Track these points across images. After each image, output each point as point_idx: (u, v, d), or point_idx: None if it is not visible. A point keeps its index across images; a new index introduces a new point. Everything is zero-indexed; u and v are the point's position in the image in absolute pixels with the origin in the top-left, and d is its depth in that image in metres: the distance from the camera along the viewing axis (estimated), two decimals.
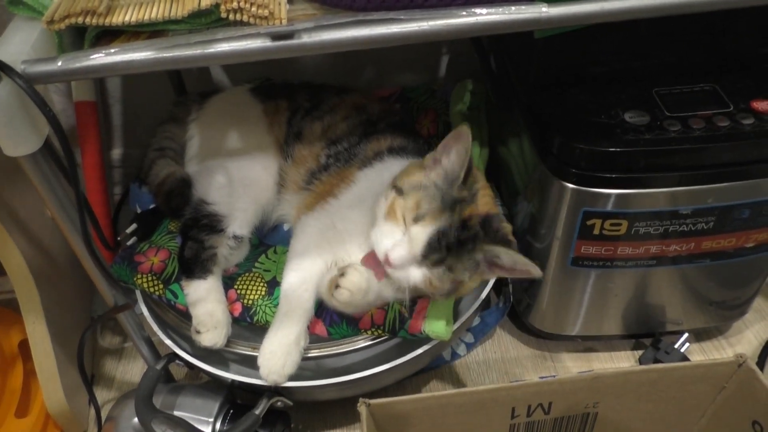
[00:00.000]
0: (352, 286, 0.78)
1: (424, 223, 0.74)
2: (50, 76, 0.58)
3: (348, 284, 0.78)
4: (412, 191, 0.76)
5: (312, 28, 0.58)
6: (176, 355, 0.89)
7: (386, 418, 0.74)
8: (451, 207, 0.74)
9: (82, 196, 0.66)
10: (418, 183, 0.76)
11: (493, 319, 1.08)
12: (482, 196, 0.78)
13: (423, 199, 0.75)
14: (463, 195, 0.75)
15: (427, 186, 0.76)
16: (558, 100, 0.87)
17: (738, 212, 0.85)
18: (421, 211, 0.74)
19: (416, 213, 0.74)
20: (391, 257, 0.74)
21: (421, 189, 0.75)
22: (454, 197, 0.75)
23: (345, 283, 0.78)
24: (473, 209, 0.76)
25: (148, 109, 1.20)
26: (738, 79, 0.87)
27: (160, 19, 0.58)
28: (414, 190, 0.76)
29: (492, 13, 0.59)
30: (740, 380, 0.74)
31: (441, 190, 0.75)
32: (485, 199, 0.79)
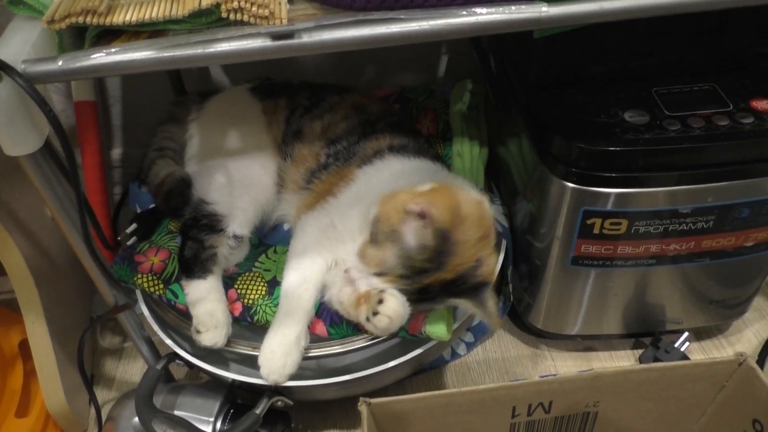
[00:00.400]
0: (393, 313, 0.75)
1: (384, 279, 0.77)
2: (51, 75, 0.58)
3: (389, 312, 0.75)
4: (383, 243, 0.76)
5: (312, 27, 0.58)
6: (176, 355, 0.89)
7: (387, 417, 0.74)
8: (413, 274, 0.76)
9: (82, 196, 0.66)
10: (391, 234, 0.76)
11: None
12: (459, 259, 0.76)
13: (388, 259, 0.76)
14: (425, 266, 0.75)
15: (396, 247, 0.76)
16: (557, 99, 0.87)
17: (738, 211, 0.85)
18: (384, 269, 0.77)
19: (379, 269, 0.77)
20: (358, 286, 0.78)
21: (390, 247, 0.76)
22: (416, 266, 0.75)
23: (386, 311, 0.75)
24: (437, 277, 0.76)
25: (148, 109, 1.19)
26: (737, 78, 0.87)
27: (161, 19, 0.58)
28: (384, 243, 0.76)
29: (492, 12, 0.59)
30: (740, 379, 0.74)
31: (407, 257, 0.75)
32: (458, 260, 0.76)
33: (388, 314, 0.75)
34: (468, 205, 0.77)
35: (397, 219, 0.75)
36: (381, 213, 0.77)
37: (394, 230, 0.75)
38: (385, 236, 0.76)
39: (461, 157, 1.05)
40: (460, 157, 1.05)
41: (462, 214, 0.75)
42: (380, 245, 0.77)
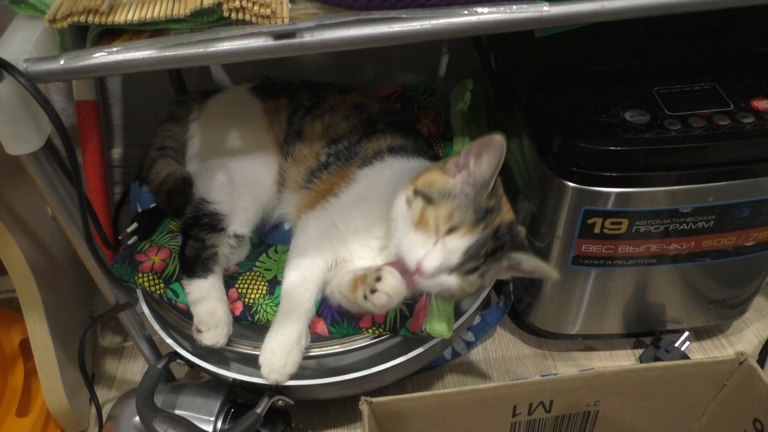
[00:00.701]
0: (391, 290, 0.73)
1: (460, 234, 0.73)
2: (52, 74, 0.58)
3: (387, 288, 0.74)
4: (442, 200, 0.74)
5: (314, 27, 0.58)
6: (177, 354, 0.89)
7: (388, 416, 0.74)
8: (484, 217, 0.74)
9: (84, 195, 0.66)
10: (446, 191, 0.75)
11: (493, 318, 1.08)
12: (504, 203, 0.77)
13: (456, 209, 0.73)
14: (491, 204, 0.74)
15: (457, 194, 0.74)
16: (558, 99, 0.87)
17: (738, 211, 0.85)
18: (455, 221, 0.73)
19: (450, 224, 0.73)
20: (425, 267, 0.73)
21: (451, 197, 0.74)
22: (484, 207, 0.74)
23: (384, 288, 0.74)
24: (502, 218, 0.75)
25: (149, 109, 1.20)
26: (738, 78, 0.87)
27: (162, 18, 0.58)
28: (444, 199, 0.74)
29: (493, 12, 0.59)
30: (741, 378, 0.74)
31: (472, 200, 0.74)
32: (507, 206, 0.78)
33: (386, 291, 0.73)
34: None
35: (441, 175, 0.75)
36: (421, 183, 0.76)
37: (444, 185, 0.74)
38: (438, 194, 0.74)
39: None
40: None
41: None
42: (437, 203, 0.74)
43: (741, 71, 0.88)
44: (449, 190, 0.74)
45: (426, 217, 0.74)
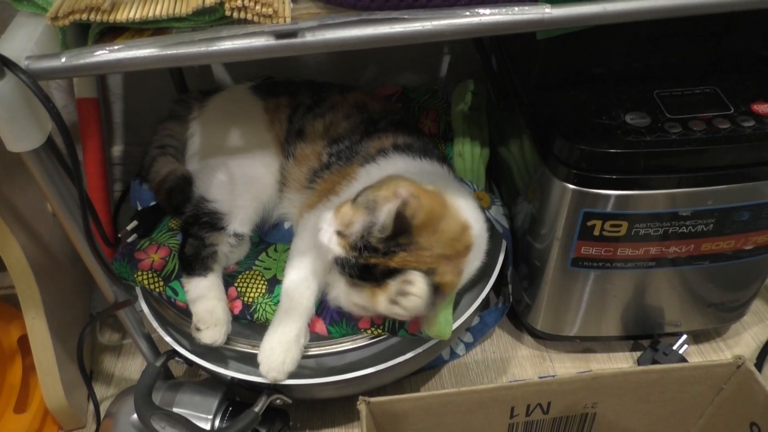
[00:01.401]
0: (421, 292, 0.72)
1: (339, 242, 0.75)
2: (54, 72, 0.58)
3: (417, 291, 0.72)
4: (360, 207, 0.75)
5: (316, 26, 0.58)
6: (176, 352, 0.89)
7: (385, 416, 0.74)
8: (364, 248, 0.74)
9: (84, 192, 0.66)
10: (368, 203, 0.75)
11: (492, 319, 1.08)
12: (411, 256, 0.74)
13: (355, 224, 0.74)
14: (377, 246, 0.74)
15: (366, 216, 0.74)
16: (559, 101, 0.87)
17: (737, 214, 0.85)
18: (345, 231, 0.75)
19: (341, 229, 0.75)
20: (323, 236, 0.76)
21: (362, 213, 0.74)
22: (371, 243, 0.73)
23: (414, 290, 0.72)
24: (383, 261, 0.74)
25: (150, 107, 1.20)
26: (739, 81, 0.87)
27: (164, 17, 0.58)
28: (361, 208, 0.75)
29: (495, 13, 0.59)
30: (738, 382, 0.74)
31: (368, 229, 0.74)
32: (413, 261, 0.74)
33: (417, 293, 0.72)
34: (451, 223, 0.76)
35: (384, 195, 0.74)
36: (377, 183, 0.77)
37: (375, 201, 0.74)
38: (365, 201, 0.75)
39: (462, 157, 1.05)
40: (461, 158, 1.05)
41: (437, 225, 0.74)
42: (356, 207, 0.75)
43: (742, 74, 0.88)
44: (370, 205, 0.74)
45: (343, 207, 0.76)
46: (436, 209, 0.75)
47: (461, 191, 0.87)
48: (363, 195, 0.76)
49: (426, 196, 0.75)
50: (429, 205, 0.74)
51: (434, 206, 0.75)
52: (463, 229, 0.78)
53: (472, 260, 0.82)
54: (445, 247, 0.75)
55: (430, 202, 0.75)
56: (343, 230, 0.75)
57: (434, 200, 0.76)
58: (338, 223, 0.76)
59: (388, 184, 0.75)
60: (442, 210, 0.76)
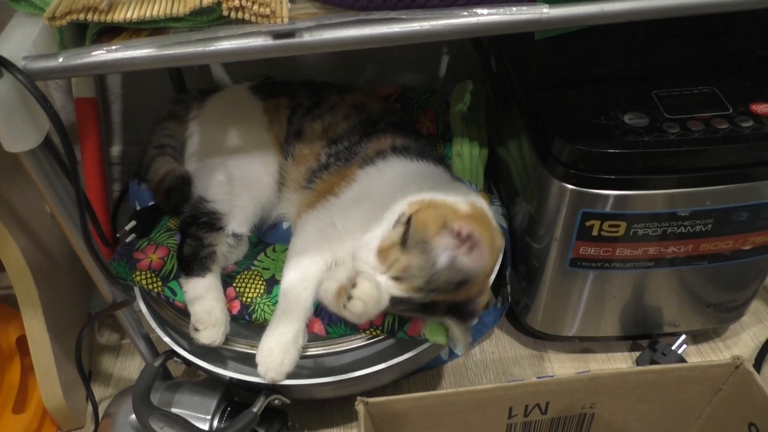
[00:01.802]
0: (365, 296, 0.73)
1: (399, 286, 0.75)
2: (51, 72, 0.58)
3: (360, 294, 0.73)
4: (413, 251, 0.74)
5: (313, 26, 0.58)
6: (174, 353, 0.89)
7: (384, 416, 0.74)
8: (428, 289, 0.74)
9: (82, 192, 0.66)
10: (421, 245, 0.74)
11: (491, 320, 1.08)
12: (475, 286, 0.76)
13: (411, 269, 0.74)
14: (445, 287, 0.74)
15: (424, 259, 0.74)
16: (558, 101, 0.87)
17: (736, 215, 0.85)
18: (404, 276, 0.74)
19: (399, 274, 0.75)
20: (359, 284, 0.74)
21: (418, 256, 0.74)
22: (434, 285, 0.74)
23: (358, 294, 0.73)
24: (446, 297, 0.76)
25: (148, 107, 1.20)
26: (737, 81, 0.87)
27: (162, 17, 0.58)
28: (415, 251, 0.74)
29: (493, 13, 0.59)
30: (737, 382, 0.74)
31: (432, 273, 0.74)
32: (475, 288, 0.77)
33: (361, 297, 0.73)
34: (497, 236, 0.79)
35: (434, 231, 0.74)
36: (416, 219, 0.75)
37: (426, 241, 0.74)
38: (414, 243, 0.74)
39: (461, 157, 1.05)
40: (460, 158, 1.05)
41: (496, 246, 0.77)
42: (408, 250, 0.74)
43: (740, 75, 0.88)
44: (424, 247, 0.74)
45: (391, 251, 0.75)
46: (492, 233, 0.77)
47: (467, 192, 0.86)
48: (411, 237, 0.75)
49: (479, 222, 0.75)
50: (488, 233, 0.75)
51: (488, 231, 0.76)
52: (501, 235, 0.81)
53: None
54: (494, 262, 0.79)
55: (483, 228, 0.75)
56: (402, 275, 0.75)
57: (483, 223, 0.76)
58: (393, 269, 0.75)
59: (432, 217, 0.75)
60: (490, 230, 0.77)
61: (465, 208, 0.78)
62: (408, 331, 0.83)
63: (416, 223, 0.75)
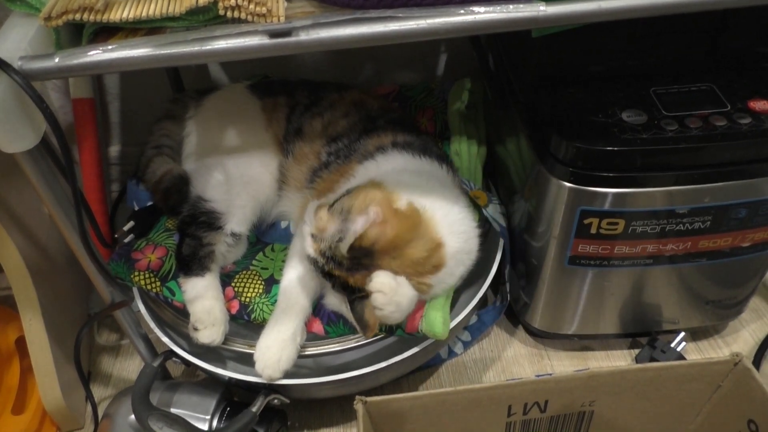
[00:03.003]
0: (383, 286, 0.73)
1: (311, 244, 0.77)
2: (47, 72, 0.58)
3: (378, 285, 0.73)
4: (335, 215, 0.76)
5: (310, 25, 0.58)
6: (173, 353, 0.89)
7: (383, 415, 0.74)
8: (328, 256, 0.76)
9: (79, 193, 0.66)
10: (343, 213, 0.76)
11: (490, 318, 1.08)
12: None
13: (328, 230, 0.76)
14: (341, 260, 0.75)
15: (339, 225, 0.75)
16: (556, 98, 0.87)
17: (734, 212, 0.85)
18: (317, 235, 0.77)
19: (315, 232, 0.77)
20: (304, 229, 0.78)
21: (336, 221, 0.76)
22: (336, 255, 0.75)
23: (375, 286, 0.73)
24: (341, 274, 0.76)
25: (146, 107, 1.20)
26: (735, 78, 0.87)
27: (158, 16, 0.58)
28: (335, 216, 0.76)
29: (490, 11, 0.59)
30: (736, 379, 0.74)
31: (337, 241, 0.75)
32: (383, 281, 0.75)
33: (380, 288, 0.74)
34: (418, 246, 0.76)
35: (358, 208, 0.75)
36: (356, 190, 0.78)
37: (348, 210, 0.75)
38: (339, 210, 0.76)
39: (459, 156, 1.05)
40: (458, 156, 1.05)
41: (402, 250, 0.75)
42: (332, 214, 0.77)
43: (738, 72, 0.88)
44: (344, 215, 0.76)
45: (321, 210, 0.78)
46: (402, 236, 0.75)
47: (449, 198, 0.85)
48: (339, 202, 0.77)
49: (395, 220, 0.75)
50: (393, 233, 0.74)
51: (400, 233, 0.75)
52: (433, 250, 0.77)
53: (449, 272, 0.81)
54: (407, 269, 0.76)
55: (398, 228, 0.74)
56: (317, 234, 0.76)
57: (402, 225, 0.75)
58: (315, 227, 0.77)
59: (365, 195, 0.76)
60: (410, 235, 0.76)
61: (401, 204, 0.77)
62: (406, 329, 0.83)
63: (351, 193, 0.77)
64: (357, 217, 0.74)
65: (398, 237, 0.74)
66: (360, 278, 0.76)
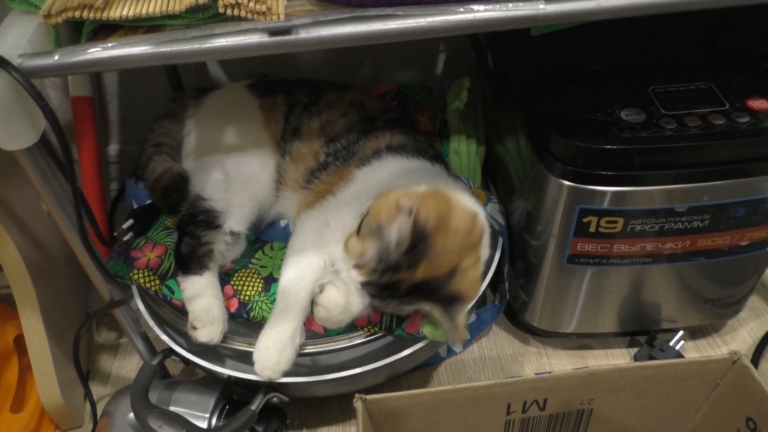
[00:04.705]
0: (329, 303, 0.77)
1: (359, 272, 0.77)
2: (47, 70, 0.57)
3: (325, 301, 0.77)
4: (367, 236, 0.77)
5: (309, 23, 0.58)
6: (172, 351, 0.89)
7: (382, 413, 0.74)
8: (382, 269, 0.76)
9: (78, 191, 0.66)
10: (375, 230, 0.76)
11: (489, 317, 1.08)
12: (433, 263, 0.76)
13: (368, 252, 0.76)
14: (400, 261, 0.75)
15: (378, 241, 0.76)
16: (555, 97, 0.87)
17: (733, 210, 0.85)
18: (361, 262, 0.77)
19: (357, 261, 0.77)
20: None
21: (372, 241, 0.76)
22: (391, 260, 0.75)
23: (323, 301, 0.77)
24: (403, 276, 0.76)
25: (145, 105, 1.20)
26: (734, 77, 0.87)
27: (158, 14, 0.58)
28: (367, 236, 0.77)
29: (489, 9, 0.59)
30: (734, 377, 0.74)
31: (385, 250, 0.75)
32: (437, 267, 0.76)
33: (324, 304, 0.77)
34: (459, 215, 0.78)
35: (386, 215, 0.76)
36: (373, 207, 0.78)
37: (379, 225, 0.76)
38: (369, 230, 0.77)
39: (458, 154, 1.05)
40: (457, 155, 1.05)
41: (449, 222, 0.76)
42: (364, 238, 0.77)
43: (737, 70, 0.88)
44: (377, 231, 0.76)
45: (350, 241, 0.78)
46: (442, 207, 0.76)
47: (457, 186, 0.88)
48: (365, 224, 0.77)
49: (427, 199, 0.76)
50: (435, 206, 0.75)
51: (439, 205, 0.76)
52: (473, 219, 0.80)
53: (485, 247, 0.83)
54: (460, 241, 0.77)
55: (433, 202, 0.76)
56: (360, 263, 0.77)
57: (436, 199, 0.77)
58: (353, 257, 0.78)
59: (385, 202, 0.77)
60: (447, 206, 0.77)
61: (421, 189, 0.79)
62: (406, 329, 0.83)
63: (372, 211, 0.78)
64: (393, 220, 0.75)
65: (440, 210, 0.75)
66: (424, 269, 0.75)
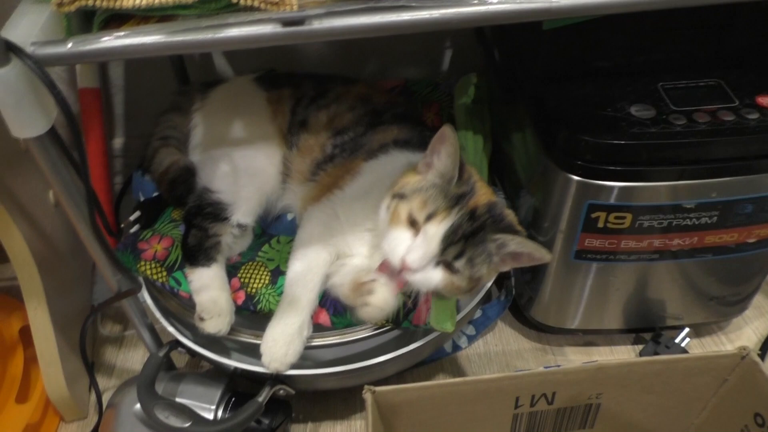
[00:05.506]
0: (383, 304, 0.78)
1: (437, 219, 0.75)
2: (60, 58, 0.57)
3: (378, 302, 0.78)
4: (414, 194, 0.77)
5: (323, 14, 0.58)
6: (179, 343, 0.89)
7: (390, 406, 0.74)
8: (456, 202, 0.76)
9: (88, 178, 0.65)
10: (418, 186, 0.78)
11: (494, 312, 1.08)
12: (480, 187, 0.80)
13: (429, 199, 0.76)
14: (462, 190, 0.77)
15: (428, 187, 0.77)
16: (564, 93, 0.87)
17: (741, 207, 0.85)
18: (430, 209, 0.76)
19: (426, 212, 0.76)
20: (409, 261, 0.75)
21: (423, 190, 0.77)
22: (455, 193, 0.76)
23: (375, 302, 0.78)
24: (477, 200, 0.78)
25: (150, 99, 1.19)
26: (743, 74, 0.87)
27: (170, 4, 0.58)
28: (416, 193, 0.77)
29: (504, 2, 0.58)
30: (742, 372, 0.74)
31: (442, 189, 0.77)
32: (483, 189, 0.81)
33: (378, 305, 0.78)
34: None
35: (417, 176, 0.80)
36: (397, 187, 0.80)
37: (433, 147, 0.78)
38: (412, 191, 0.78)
39: (465, 150, 1.05)
40: (464, 151, 1.05)
41: None
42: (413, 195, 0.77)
43: (747, 67, 0.88)
44: (420, 186, 0.78)
45: (399, 212, 0.77)
46: None
47: None
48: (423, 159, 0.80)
49: None
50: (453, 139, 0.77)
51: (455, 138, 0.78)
52: None
53: None
54: None
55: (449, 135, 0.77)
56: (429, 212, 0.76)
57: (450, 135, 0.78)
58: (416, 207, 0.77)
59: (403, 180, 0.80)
60: None
61: None
62: (413, 321, 0.83)
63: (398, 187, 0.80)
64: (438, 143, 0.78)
65: None
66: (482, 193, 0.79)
